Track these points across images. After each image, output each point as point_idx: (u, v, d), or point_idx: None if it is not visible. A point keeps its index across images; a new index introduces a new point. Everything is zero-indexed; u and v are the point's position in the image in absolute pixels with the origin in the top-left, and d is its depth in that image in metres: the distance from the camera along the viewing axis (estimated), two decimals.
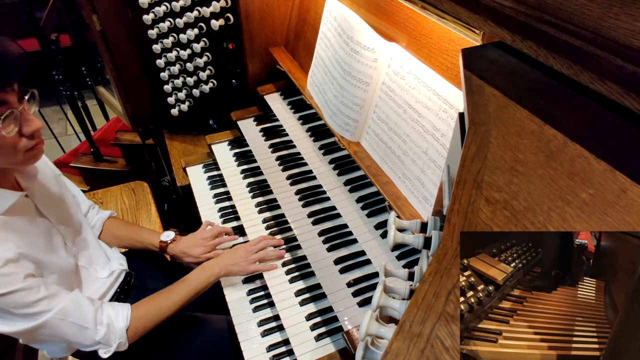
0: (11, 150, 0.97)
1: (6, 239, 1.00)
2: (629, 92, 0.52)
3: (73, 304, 1.07)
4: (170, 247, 1.47)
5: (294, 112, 1.77)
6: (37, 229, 1.10)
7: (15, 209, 1.04)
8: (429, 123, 1.11)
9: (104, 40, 1.75)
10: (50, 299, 1.03)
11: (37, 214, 1.13)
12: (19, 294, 0.97)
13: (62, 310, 1.04)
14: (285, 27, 1.83)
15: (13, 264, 0.98)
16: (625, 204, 0.48)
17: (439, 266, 0.48)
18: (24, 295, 0.98)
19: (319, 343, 1.19)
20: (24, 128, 0.97)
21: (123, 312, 1.17)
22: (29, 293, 0.99)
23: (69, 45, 2.35)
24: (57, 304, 1.04)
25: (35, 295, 1.00)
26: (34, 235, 1.09)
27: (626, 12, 0.49)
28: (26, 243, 1.04)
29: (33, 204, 1.12)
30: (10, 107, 0.94)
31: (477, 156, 0.57)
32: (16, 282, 0.97)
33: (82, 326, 1.08)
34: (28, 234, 1.07)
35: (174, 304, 1.25)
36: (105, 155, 2.70)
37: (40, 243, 1.10)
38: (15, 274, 0.97)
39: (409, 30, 1.20)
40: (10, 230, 1.02)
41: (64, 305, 1.05)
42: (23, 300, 0.98)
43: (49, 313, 1.02)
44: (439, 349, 0.43)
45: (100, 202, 2.15)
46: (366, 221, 1.36)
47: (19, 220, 1.05)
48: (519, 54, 0.70)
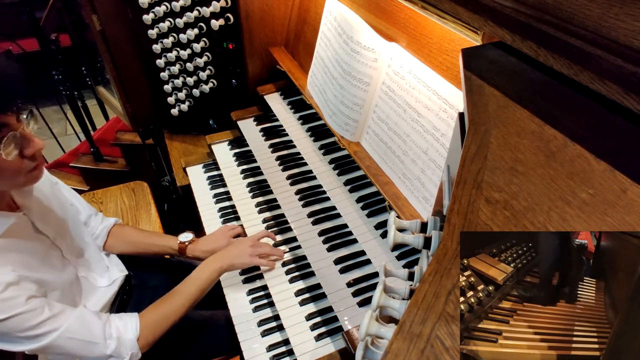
0: (13, 173, 0.94)
1: (5, 261, 0.97)
2: (629, 92, 0.52)
3: (79, 320, 1.05)
4: (190, 248, 1.44)
5: (294, 112, 1.77)
6: (35, 247, 1.07)
7: (13, 229, 1.01)
8: (429, 123, 1.11)
9: (104, 40, 1.75)
10: (55, 319, 1.00)
11: (34, 231, 1.10)
12: (22, 316, 0.95)
13: (68, 329, 1.02)
14: (285, 27, 1.83)
15: (14, 287, 0.95)
16: (625, 204, 0.48)
17: (439, 266, 0.48)
18: (27, 317, 0.95)
19: (319, 343, 1.19)
20: (25, 149, 0.94)
21: (132, 323, 1.14)
22: (32, 315, 0.96)
23: (69, 45, 2.34)
24: (62, 323, 1.01)
25: (39, 317, 0.97)
26: (33, 254, 1.06)
27: (626, 12, 0.49)
28: (25, 263, 1.01)
29: (30, 221, 1.09)
30: (10, 129, 0.90)
31: (477, 156, 0.57)
32: (18, 305, 0.94)
33: (91, 342, 1.05)
34: (26, 253, 1.04)
35: (181, 306, 1.22)
36: (105, 155, 2.70)
37: (39, 261, 1.07)
38: (17, 297, 0.95)
39: (409, 30, 1.20)
40: (8, 252, 0.99)
41: (70, 324, 1.02)
42: (27, 323, 0.96)
43: (55, 333, 1.00)
44: (439, 349, 0.43)
45: (100, 202, 2.15)
46: (366, 221, 1.36)
47: (17, 241, 1.02)
48: (519, 54, 0.70)
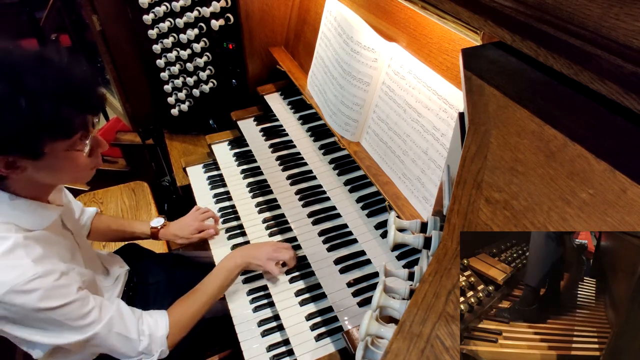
0: (82, 169, 1.01)
1: (52, 252, 1.00)
2: (629, 92, 0.52)
3: (118, 313, 1.07)
4: (162, 232, 1.51)
5: (294, 112, 1.77)
6: (65, 243, 1.11)
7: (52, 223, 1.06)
8: (429, 123, 1.11)
9: (104, 40, 1.75)
10: (99, 309, 1.03)
11: (63, 227, 1.14)
12: (75, 304, 0.97)
13: (110, 320, 1.04)
14: (285, 27, 1.83)
15: (66, 275, 0.98)
16: (625, 204, 0.48)
17: (439, 266, 0.48)
18: (78, 306, 0.98)
19: (319, 343, 1.19)
20: (96, 149, 1.03)
21: (162, 321, 1.16)
22: (82, 304, 0.99)
23: (69, 45, 2.35)
24: (105, 314, 1.04)
25: (87, 307, 1.00)
26: (66, 249, 1.09)
27: (626, 12, 0.49)
28: (64, 257, 1.05)
29: (60, 217, 1.12)
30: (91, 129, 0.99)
31: (477, 156, 0.57)
32: (72, 293, 0.97)
33: (127, 337, 1.08)
34: (62, 247, 1.08)
35: (205, 304, 1.24)
36: (105, 155, 2.68)
37: (71, 256, 1.11)
38: (70, 285, 0.98)
39: (409, 30, 1.20)
40: (51, 244, 1.03)
41: (112, 316, 1.05)
42: (78, 311, 0.98)
43: (100, 324, 1.02)
44: (439, 349, 0.43)
45: (100, 202, 2.15)
46: (366, 221, 1.36)
47: (54, 235, 1.06)
48: (519, 54, 0.70)
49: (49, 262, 0.96)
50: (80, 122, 0.94)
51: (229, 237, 1.56)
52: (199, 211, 1.56)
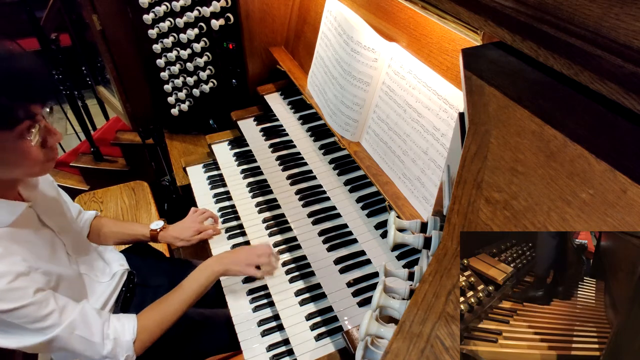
0: (33, 161, 0.97)
1: (15, 252, 0.98)
2: (629, 92, 0.52)
3: (81, 316, 1.06)
4: (161, 234, 1.50)
5: (294, 112, 1.77)
6: (41, 240, 1.09)
7: (20, 220, 1.03)
8: (429, 123, 1.11)
9: (104, 40, 1.75)
10: (60, 312, 1.02)
11: (40, 225, 1.12)
12: (30, 308, 0.96)
13: (71, 324, 1.03)
14: (285, 27, 1.83)
15: (24, 277, 0.96)
16: (625, 204, 0.48)
17: (439, 266, 0.48)
18: (35, 309, 0.96)
19: (318, 343, 1.19)
20: (48, 140, 0.99)
21: (129, 325, 1.14)
22: (39, 307, 0.97)
23: (69, 45, 2.34)
24: (66, 318, 1.02)
25: (45, 309, 0.98)
26: (40, 247, 1.07)
27: (626, 12, 0.49)
28: (33, 255, 1.03)
29: (36, 214, 1.10)
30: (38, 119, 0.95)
31: (477, 156, 0.57)
32: (27, 296, 0.95)
33: (89, 340, 1.06)
34: (34, 245, 1.05)
35: (178, 309, 1.22)
36: (105, 154, 2.69)
37: (46, 254, 1.09)
38: (26, 287, 0.96)
39: (409, 30, 1.20)
40: (17, 242, 1.01)
41: (73, 319, 1.03)
42: (34, 314, 0.96)
43: (59, 327, 1.00)
44: (439, 349, 0.43)
45: (100, 201, 2.15)
46: (366, 221, 1.36)
47: (24, 232, 1.04)
48: (519, 54, 0.70)
49: (6, 262, 0.94)
50: (24, 112, 0.91)
51: (229, 237, 1.56)
52: (197, 213, 1.55)
